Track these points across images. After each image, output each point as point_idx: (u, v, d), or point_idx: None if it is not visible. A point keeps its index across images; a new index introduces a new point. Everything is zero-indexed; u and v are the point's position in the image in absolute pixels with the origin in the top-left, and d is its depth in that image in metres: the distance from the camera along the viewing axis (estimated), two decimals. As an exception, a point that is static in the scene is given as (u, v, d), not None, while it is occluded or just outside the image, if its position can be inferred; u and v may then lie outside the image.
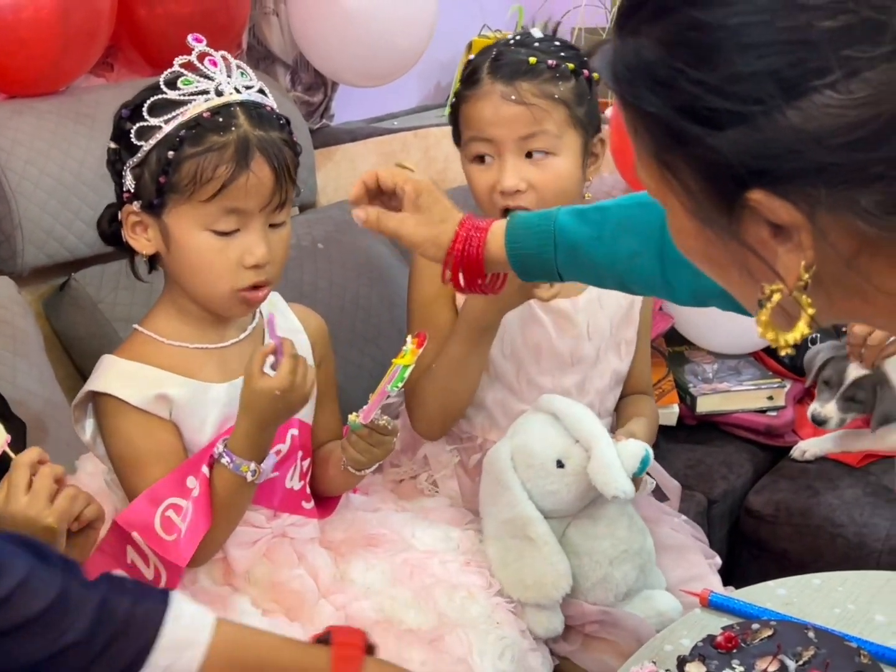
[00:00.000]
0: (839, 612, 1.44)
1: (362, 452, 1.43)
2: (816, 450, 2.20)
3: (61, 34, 1.89)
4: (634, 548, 1.56)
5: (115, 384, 1.37)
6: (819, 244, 0.73)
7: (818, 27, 0.69)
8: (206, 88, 1.32)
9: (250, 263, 1.34)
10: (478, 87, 1.59)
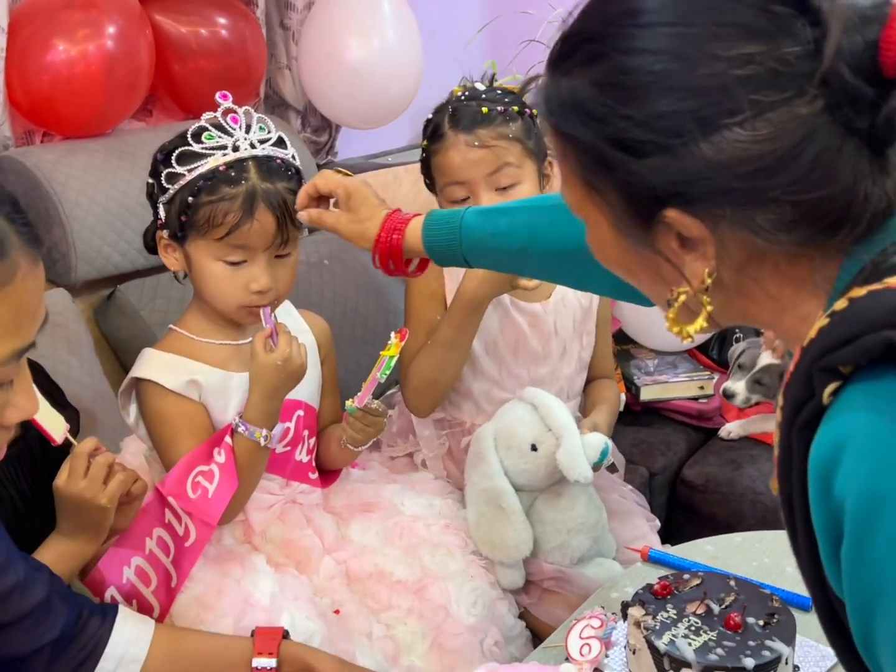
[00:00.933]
0: (756, 564, 1.45)
1: (358, 432, 1.43)
2: (740, 430, 2.19)
3: (107, 86, 1.89)
4: (590, 521, 1.55)
5: (155, 372, 1.37)
6: (719, 254, 0.74)
7: (731, 74, 0.69)
8: (224, 144, 1.33)
9: (255, 290, 1.35)
10: (443, 140, 1.57)
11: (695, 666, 1.14)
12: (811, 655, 1.25)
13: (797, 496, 0.72)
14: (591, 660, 1.19)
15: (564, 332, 1.68)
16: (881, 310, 0.67)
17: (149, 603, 1.30)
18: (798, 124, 0.69)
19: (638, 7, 0.73)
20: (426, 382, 1.60)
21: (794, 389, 0.71)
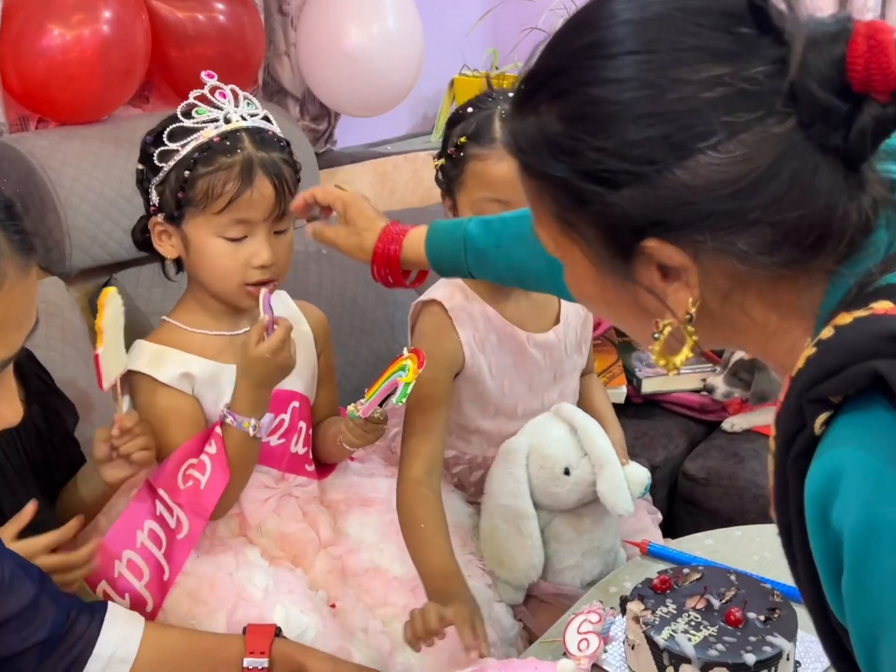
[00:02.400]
0: (757, 559, 1.45)
1: (358, 437, 1.42)
2: (743, 423, 2.19)
3: (103, 72, 1.89)
4: (606, 546, 1.54)
5: (147, 364, 1.37)
6: (703, 282, 0.74)
7: (700, 98, 0.69)
8: (216, 117, 1.33)
9: (257, 264, 1.34)
10: (495, 147, 1.38)
11: (695, 662, 1.15)
12: (813, 651, 1.26)
13: (795, 525, 0.71)
14: (590, 655, 1.20)
15: (571, 350, 1.65)
16: (866, 338, 0.66)
17: (141, 597, 1.30)
18: (772, 143, 0.69)
19: (600, 39, 0.73)
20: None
21: (786, 420, 0.71)
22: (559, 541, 1.52)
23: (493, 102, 1.43)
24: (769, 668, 1.15)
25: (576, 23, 0.77)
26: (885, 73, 0.67)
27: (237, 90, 1.37)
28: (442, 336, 1.48)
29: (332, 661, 1.24)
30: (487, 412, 1.56)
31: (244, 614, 1.29)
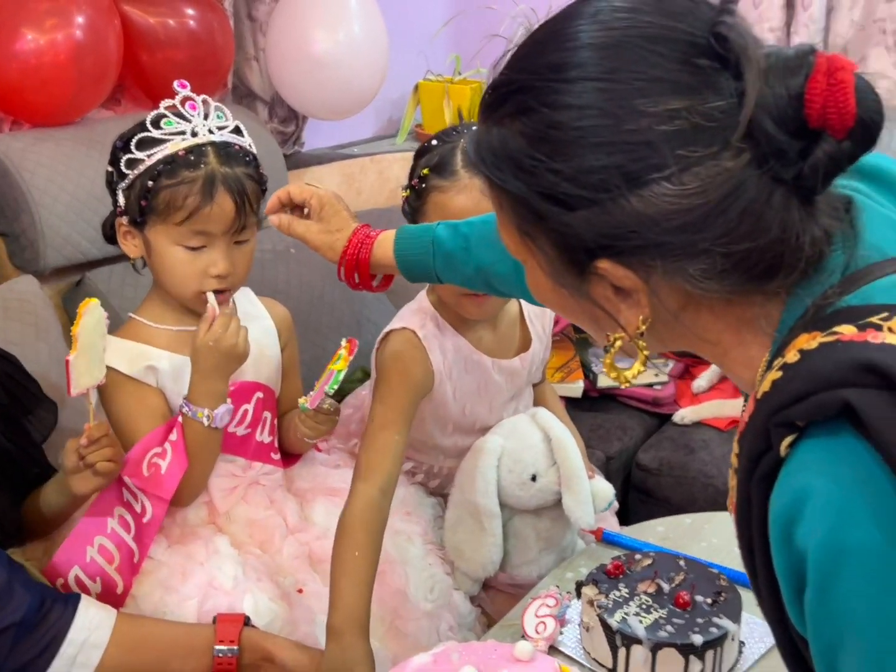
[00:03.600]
0: (705, 545, 1.47)
1: (311, 429, 1.42)
2: (693, 416, 2.21)
3: (76, 75, 1.87)
4: (563, 544, 1.55)
5: (113, 358, 1.36)
6: (653, 302, 0.74)
7: (656, 130, 0.68)
8: (183, 129, 1.32)
9: (214, 274, 1.34)
10: (455, 180, 1.37)
11: (645, 643, 1.17)
12: (756, 632, 1.28)
13: (757, 541, 0.72)
14: (547, 637, 1.21)
15: (535, 373, 1.65)
16: (833, 367, 0.66)
17: (113, 579, 1.30)
18: (725, 178, 0.68)
19: (564, 61, 0.72)
20: None
21: (751, 441, 0.71)
22: (518, 538, 1.52)
23: (457, 136, 1.42)
24: (715, 648, 1.18)
25: (540, 38, 0.76)
26: (843, 112, 0.67)
27: (209, 101, 1.36)
28: (413, 363, 1.45)
29: (297, 648, 1.25)
30: (446, 430, 1.55)
31: (214, 603, 1.29)
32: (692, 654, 1.17)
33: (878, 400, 0.63)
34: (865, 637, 0.64)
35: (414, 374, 1.44)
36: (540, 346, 1.61)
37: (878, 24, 2.62)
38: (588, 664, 1.23)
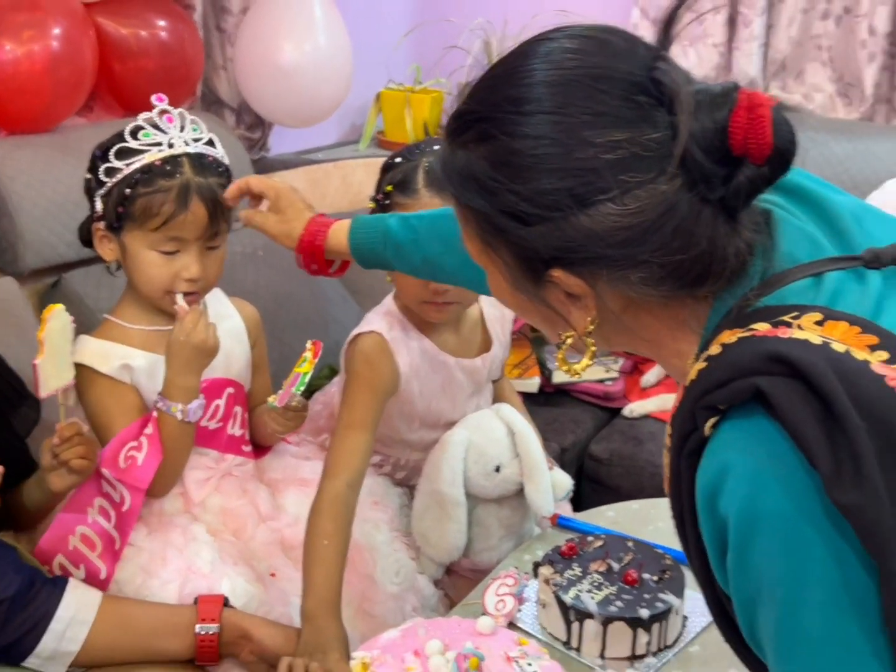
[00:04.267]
0: (652, 528, 1.52)
1: (280, 425, 1.45)
2: (641, 410, 2.23)
3: (52, 85, 1.89)
4: (521, 531, 1.58)
5: (89, 357, 1.39)
6: (600, 305, 0.81)
7: (602, 158, 0.76)
8: (160, 141, 1.35)
9: (186, 277, 1.37)
10: (417, 198, 1.41)
11: (597, 617, 1.22)
12: (699, 606, 1.31)
13: (687, 511, 0.79)
14: (506, 614, 1.25)
15: (495, 372, 1.69)
16: (749, 358, 0.73)
17: (95, 566, 1.33)
18: (661, 199, 0.75)
19: (521, 95, 0.79)
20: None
21: (680, 423, 0.78)
22: (480, 526, 1.56)
23: (419, 154, 1.44)
24: (661, 621, 1.24)
25: (500, 74, 0.83)
26: (761, 143, 0.75)
27: (185, 114, 1.40)
28: (381, 364, 1.48)
29: (273, 626, 1.30)
30: (413, 426, 1.58)
31: (194, 586, 1.33)
32: (640, 627, 1.22)
33: (785, 386, 0.70)
34: (778, 591, 0.71)
35: (381, 376, 1.47)
36: (500, 347, 1.65)
37: (814, 40, 2.69)
38: (544, 638, 1.28)
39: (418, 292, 1.45)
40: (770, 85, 2.74)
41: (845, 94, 2.70)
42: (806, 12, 2.66)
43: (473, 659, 1.06)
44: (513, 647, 1.15)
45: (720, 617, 0.83)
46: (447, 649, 1.11)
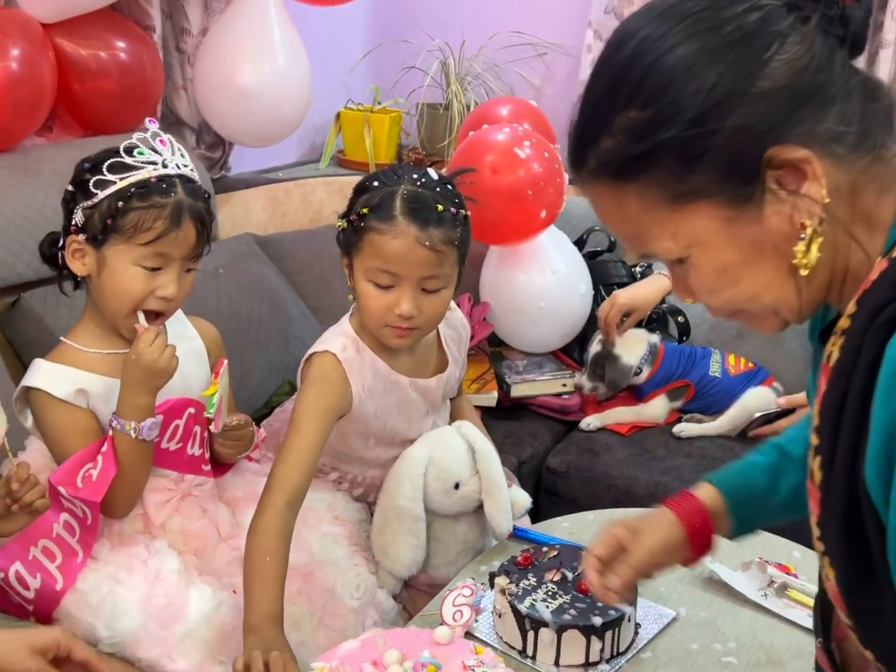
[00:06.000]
0: None
1: (231, 448, 1.46)
2: (597, 422, 2.27)
3: (10, 105, 1.88)
4: (478, 546, 1.59)
5: (44, 381, 1.39)
6: (827, 171, 0.78)
7: (749, 22, 0.78)
8: (155, 160, 1.38)
9: (161, 295, 1.38)
10: (394, 225, 1.41)
11: (551, 625, 1.24)
12: (650, 614, 1.36)
13: (854, 395, 0.74)
14: (463, 624, 1.25)
15: (450, 392, 1.70)
16: None
17: (53, 577, 1.34)
18: (812, 37, 0.78)
19: (645, 36, 0.80)
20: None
21: (875, 295, 0.74)
22: (438, 541, 1.56)
23: (397, 180, 1.44)
24: (614, 628, 1.25)
25: (611, 54, 0.83)
26: None
27: (174, 141, 1.42)
28: (333, 385, 1.48)
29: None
30: (368, 444, 1.59)
31: (163, 590, 1.33)
32: (593, 635, 1.24)
33: None
34: None
35: (332, 396, 1.47)
36: (455, 367, 1.67)
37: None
38: (500, 647, 1.29)
39: (383, 315, 1.45)
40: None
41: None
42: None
43: (431, 668, 1.07)
44: (469, 657, 1.16)
45: (843, 524, 0.77)
46: (405, 659, 1.12)
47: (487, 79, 2.98)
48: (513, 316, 2.39)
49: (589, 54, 2.83)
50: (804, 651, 1.31)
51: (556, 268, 2.35)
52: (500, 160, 2.19)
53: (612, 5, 2.80)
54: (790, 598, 1.40)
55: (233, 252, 2.26)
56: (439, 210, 1.42)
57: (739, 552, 1.52)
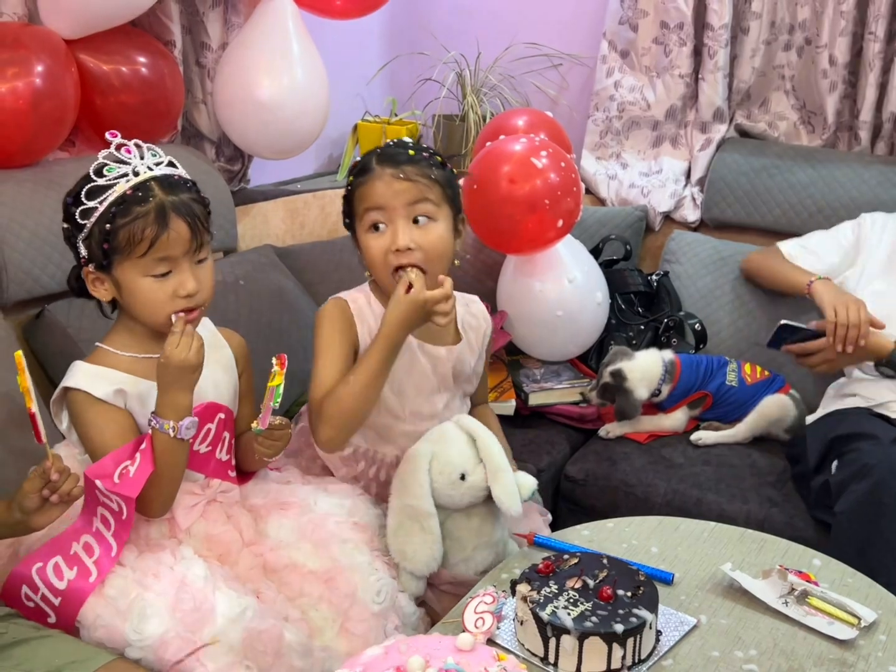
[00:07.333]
0: (626, 546, 1.54)
1: (269, 447, 1.47)
2: (617, 431, 2.27)
3: (35, 120, 1.90)
4: (494, 539, 1.60)
5: (83, 381, 1.41)
6: None
7: None
8: (125, 172, 1.39)
9: (183, 294, 1.40)
10: (370, 174, 1.57)
11: (573, 632, 1.23)
12: (671, 622, 1.36)
13: None
14: (485, 631, 1.26)
15: (461, 375, 1.72)
16: None
17: (88, 569, 1.36)
18: None
19: None
20: (347, 413, 1.54)
21: None
22: (452, 538, 1.57)
23: (376, 149, 1.62)
24: (635, 636, 1.25)
25: None
26: None
27: (140, 144, 1.43)
28: (342, 319, 1.62)
29: None
30: (379, 409, 1.63)
31: (189, 595, 1.34)
32: (615, 642, 1.23)
33: None
34: None
35: (342, 324, 1.61)
36: (470, 353, 1.71)
37: (777, 70, 2.76)
38: (522, 654, 1.29)
39: (385, 258, 1.57)
40: (736, 114, 2.80)
41: (808, 122, 2.77)
42: (769, 44, 2.73)
43: (454, 674, 1.07)
44: (492, 663, 1.15)
45: None
46: (429, 665, 1.12)
47: (503, 90, 2.99)
48: (530, 325, 2.39)
49: (604, 65, 2.84)
50: (825, 659, 1.31)
51: (573, 276, 2.35)
52: (517, 170, 2.19)
53: (626, 16, 2.81)
54: (811, 605, 1.40)
55: (252, 263, 2.27)
56: (410, 154, 1.58)
57: (760, 560, 1.52)
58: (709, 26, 2.68)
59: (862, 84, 2.60)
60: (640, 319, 2.51)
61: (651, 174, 2.84)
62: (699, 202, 2.77)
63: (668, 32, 2.75)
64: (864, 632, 1.35)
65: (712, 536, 1.60)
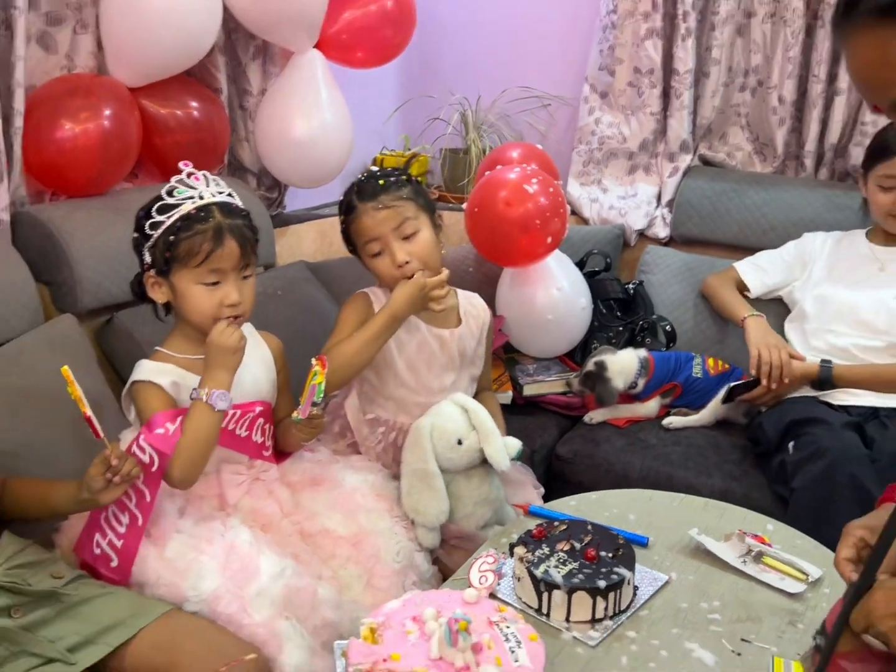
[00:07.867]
0: (607, 514, 1.55)
1: (306, 434, 1.48)
2: (599, 417, 2.26)
3: (103, 156, 1.93)
4: (492, 497, 1.62)
5: (148, 374, 1.43)
6: None
7: None
8: (192, 195, 1.41)
9: (227, 303, 1.41)
10: (355, 212, 1.63)
11: (563, 587, 1.25)
12: (646, 578, 1.37)
13: None
14: (488, 587, 1.26)
15: (464, 355, 1.75)
16: None
17: (135, 514, 1.35)
18: None
19: None
20: (344, 361, 1.60)
21: None
22: (455, 498, 1.59)
23: (352, 185, 1.66)
24: (616, 590, 1.26)
25: None
26: None
27: (207, 175, 1.45)
28: (362, 306, 1.67)
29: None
30: (397, 382, 1.69)
31: (237, 558, 1.35)
32: (598, 595, 1.25)
33: None
34: None
35: (362, 309, 1.67)
36: (471, 338, 1.75)
37: (734, 108, 2.76)
38: (519, 606, 1.30)
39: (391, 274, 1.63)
40: (699, 145, 2.80)
41: (761, 152, 2.76)
42: (727, 85, 2.73)
43: (462, 622, 1.08)
44: (494, 614, 1.17)
45: None
46: (440, 615, 1.13)
47: (500, 127, 2.99)
48: (524, 327, 2.40)
49: (586, 104, 2.84)
50: (778, 609, 1.31)
51: (561, 285, 2.35)
52: (512, 195, 2.19)
53: (605, 63, 2.81)
54: (765, 564, 1.40)
55: (288, 277, 2.27)
56: (381, 184, 1.63)
57: (722, 525, 1.52)
58: (675, 71, 2.68)
59: (807, 119, 2.61)
60: (619, 322, 2.52)
61: (627, 197, 2.84)
62: (668, 221, 2.77)
63: (640, 77, 2.75)
64: (811, 586, 1.36)
65: (681, 506, 1.60)
